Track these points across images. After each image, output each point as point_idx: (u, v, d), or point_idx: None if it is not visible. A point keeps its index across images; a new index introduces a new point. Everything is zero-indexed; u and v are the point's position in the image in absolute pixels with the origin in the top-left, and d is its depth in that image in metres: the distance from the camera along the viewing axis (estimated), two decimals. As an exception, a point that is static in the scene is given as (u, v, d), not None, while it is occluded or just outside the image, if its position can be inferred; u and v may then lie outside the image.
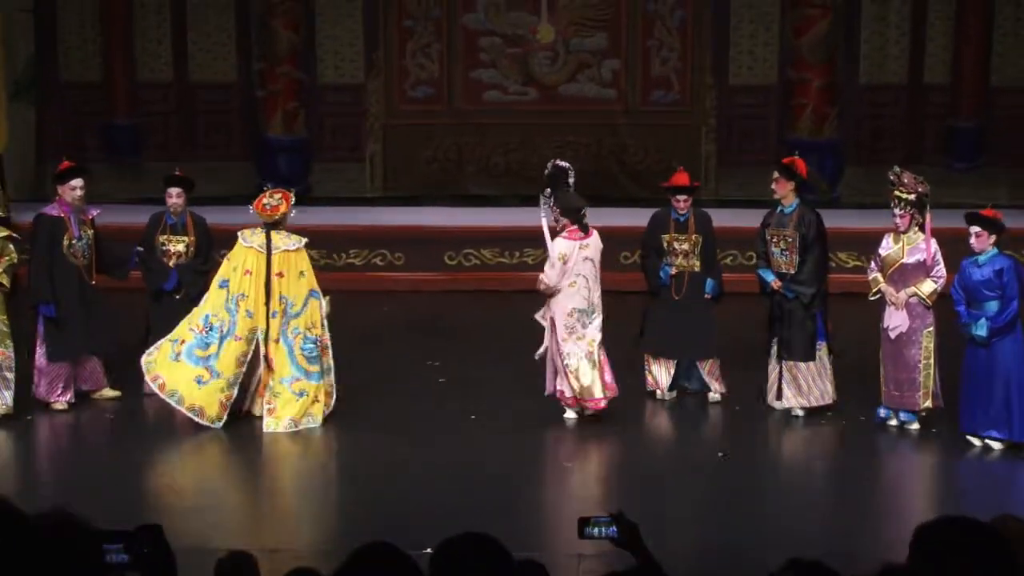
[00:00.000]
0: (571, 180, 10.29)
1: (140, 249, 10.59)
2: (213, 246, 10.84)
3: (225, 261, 10.15)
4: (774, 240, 10.13)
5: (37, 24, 16.44)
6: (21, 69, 16.22)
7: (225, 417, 9.84)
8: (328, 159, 16.86)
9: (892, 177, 9.73)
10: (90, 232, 10.34)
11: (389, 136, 16.86)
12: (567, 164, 10.43)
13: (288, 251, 10.06)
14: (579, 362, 9.95)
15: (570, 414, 10.22)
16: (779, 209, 10.18)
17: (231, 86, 16.85)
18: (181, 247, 10.59)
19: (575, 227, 9.96)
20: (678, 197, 10.54)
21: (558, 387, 10.16)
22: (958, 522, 3.21)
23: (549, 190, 10.17)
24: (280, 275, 9.98)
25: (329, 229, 14.98)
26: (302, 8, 16.50)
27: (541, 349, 10.09)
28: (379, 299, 14.20)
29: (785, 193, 10.11)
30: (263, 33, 16.42)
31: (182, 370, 9.83)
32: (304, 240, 10.31)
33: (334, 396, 10.15)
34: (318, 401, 9.96)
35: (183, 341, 9.89)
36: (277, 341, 9.93)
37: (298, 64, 16.54)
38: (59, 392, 10.22)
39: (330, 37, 16.75)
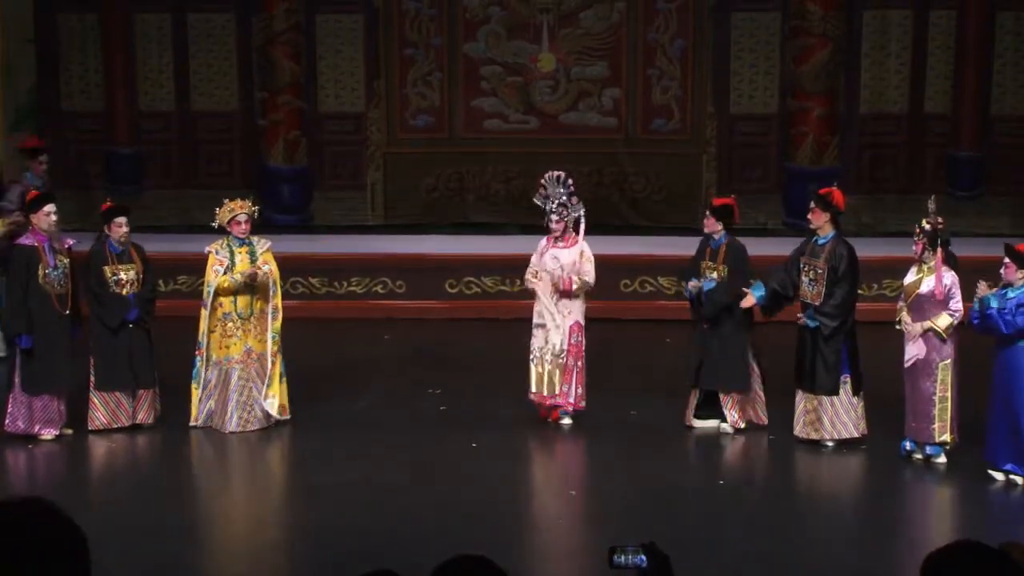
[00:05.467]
0: (571, 185, 10.72)
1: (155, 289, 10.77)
2: (155, 272, 10.91)
3: None
4: (805, 269, 10.07)
5: (39, 53, 16.48)
6: (23, 98, 16.25)
7: None
8: (329, 187, 16.87)
9: (928, 204, 9.76)
10: (65, 261, 10.29)
11: (390, 164, 16.87)
12: (561, 172, 10.73)
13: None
14: None
15: (568, 420, 10.59)
16: (814, 239, 10.14)
17: (232, 115, 16.87)
18: (132, 275, 10.44)
19: (576, 231, 10.60)
20: (706, 214, 10.55)
21: (572, 391, 10.37)
22: (969, 548, 3.18)
23: (565, 197, 10.59)
24: None
25: (330, 257, 15.01)
26: (303, 37, 16.54)
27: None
28: (380, 327, 14.20)
29: (821, 224, 10.05)
30: (264, 62, 16.46)
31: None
32: (208, 247, 10.61)
33: (201, 406, 10.49)
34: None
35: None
36: None
37: (299, 93, 16.56)
38: (43, 425, 10.19)
39: (331, 66, 16.79)
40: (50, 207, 10.22)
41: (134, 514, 8.68)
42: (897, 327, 9.83)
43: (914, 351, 9.66)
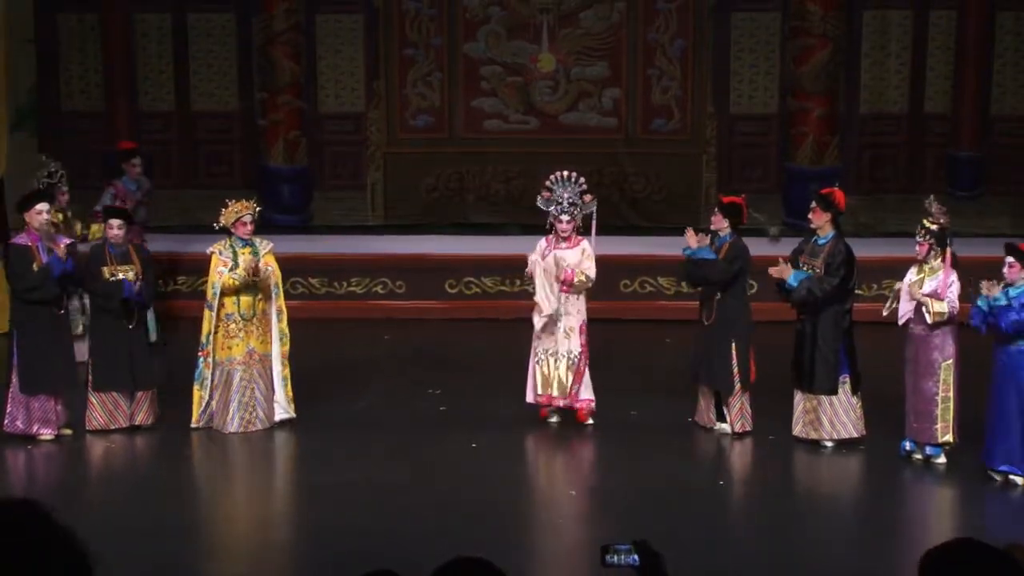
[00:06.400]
0: (582, 183, 10.72)
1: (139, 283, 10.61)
2: (157, 273, 10.89)
3: None
4: (804, 269, 10.08)
5: (39, 54, 16.48)
6: (23, 99, 16.24)
7: None
8: (329, 188, 16.85)
9: (926, 205, 9.74)
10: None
11: (390, 164, 16.86)
12: (566, 172, 10.75)
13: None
14: None
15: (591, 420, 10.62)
16: (814, 239, 10.16)
17: (232, 115, 16.86)
18: (131, 275, 10.40)
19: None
20: (714, 210, 10.59)
21: (586, 396, 10.34)
22: (967, 545, 3.18)
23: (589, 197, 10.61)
24: None
25: (330, 257, 15.00)
26: (303, 37, 16.52)
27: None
28: (380, 327, 14.20)
29: (821, 223, 10.07)
30: (264, 63, 16.44)
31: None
32: (211, 248, 10.62)
33: (203, 406, 10.47)
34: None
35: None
36: None
37: (299, 93, 16.55)
38: (41, 425, 10.19)
39: (331, 66, 16.78)
40: (42, 206, 10.18)
41: (134, 515, 8.68)
42: (885, 313, 9.82)
43: (907, 307, 9.63)
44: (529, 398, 10.68)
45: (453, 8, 16.62)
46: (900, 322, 9.72)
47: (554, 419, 10.67)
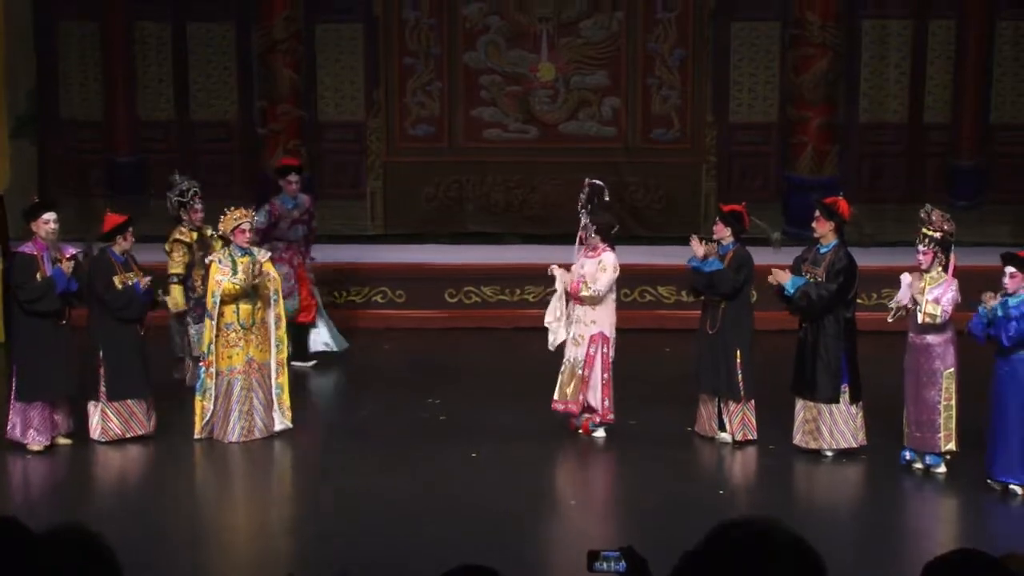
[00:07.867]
0: (606, 197, 10.69)
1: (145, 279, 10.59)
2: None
3: None
4: (806, 277, 10.09)
5: (38, 62, 16.48)
6: (23, 106, 16.25)
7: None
8: (329, 197, 16.81)
9: (923, 215, 9.70)
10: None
11: (390, 174, 16.86)
12: (601, 182, 10.61)
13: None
14: None
15: (601, 432, 10.50)
16: (816, 247, 10.17)
17: (232, 124, 16.87)
18: (145, 281, 10.45)
19: (607, 243, 10.38)
20: (716, 219, 10.58)
21: (597, 403, 10.34)
22: (967, 556, 3.17)
23: (589, 205, 10.51)
24: None
25: (330, 266, 14.98)
26: (303, 47, 16.52)
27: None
28: (379, 337, 14.19)
29: (824, 232, 10.09)
30: (264, 71, 16.44)
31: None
32: (209, 257, 10.72)
33: (205, 418, 10.43)
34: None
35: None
36: None
37: (299, 102, 16.54)
38: (35, 434, 10.17)
39: (331, 75, 16.78)
40: (49, 215, 10.19)
41: (134, 525, 8.65)
42: (890, 320, 9.81)
43: (904, 292, 9.62)
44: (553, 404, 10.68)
45: (453, 18, 16.63)
46: (893, 305, 9.71)
47: (598, 434, 10.61)
